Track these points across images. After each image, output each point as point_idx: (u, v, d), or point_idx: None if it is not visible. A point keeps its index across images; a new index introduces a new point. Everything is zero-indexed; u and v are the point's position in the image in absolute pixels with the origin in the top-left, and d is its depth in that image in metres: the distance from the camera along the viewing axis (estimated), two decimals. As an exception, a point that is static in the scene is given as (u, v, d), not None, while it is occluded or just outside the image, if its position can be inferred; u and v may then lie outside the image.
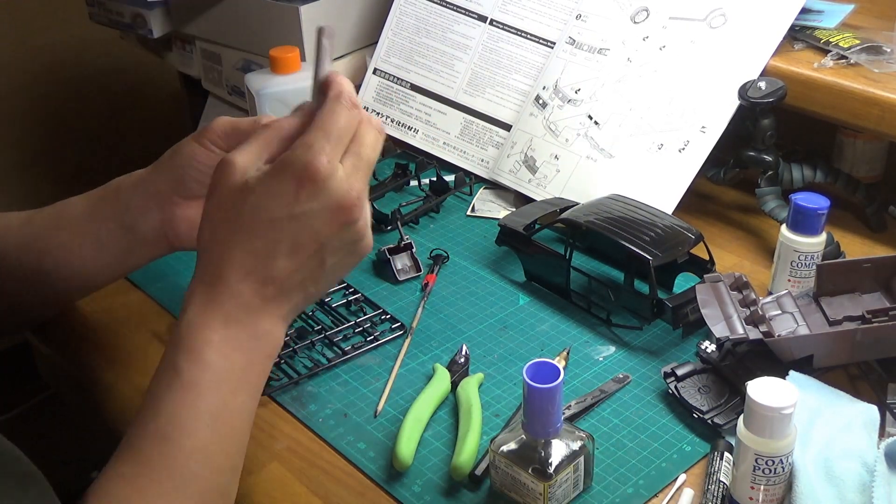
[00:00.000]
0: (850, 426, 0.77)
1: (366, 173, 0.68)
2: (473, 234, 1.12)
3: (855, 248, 1.06)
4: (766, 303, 0.87)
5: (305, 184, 0.64)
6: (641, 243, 0.91)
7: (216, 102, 1.52)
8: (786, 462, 0.70)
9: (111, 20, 1.51)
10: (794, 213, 0.91)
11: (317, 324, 0.95)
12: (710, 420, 0.80)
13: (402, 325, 0.95)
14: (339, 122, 0.67)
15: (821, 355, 0.82)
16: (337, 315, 0.97)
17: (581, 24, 1.19)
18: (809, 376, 0.81)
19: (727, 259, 1.04)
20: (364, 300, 0.98)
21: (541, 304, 0.98)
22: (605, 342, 0.92)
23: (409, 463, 0.77)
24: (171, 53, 1.57)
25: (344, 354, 0.91)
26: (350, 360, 0.91)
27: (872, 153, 1.16)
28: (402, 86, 1.32)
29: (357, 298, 0.98)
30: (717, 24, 1.10)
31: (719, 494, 0.73)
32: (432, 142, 1.28)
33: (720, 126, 1.07)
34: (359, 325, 0.94)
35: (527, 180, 1.17)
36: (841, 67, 1.05)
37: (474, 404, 0.82)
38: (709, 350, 0.86)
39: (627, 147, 1.11)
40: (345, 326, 0.94)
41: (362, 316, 0.96)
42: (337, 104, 0.67)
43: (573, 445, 0.73)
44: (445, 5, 1.30)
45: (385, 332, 0.94)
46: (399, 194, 1.20)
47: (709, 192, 1.17)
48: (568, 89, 1.17)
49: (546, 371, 0.69)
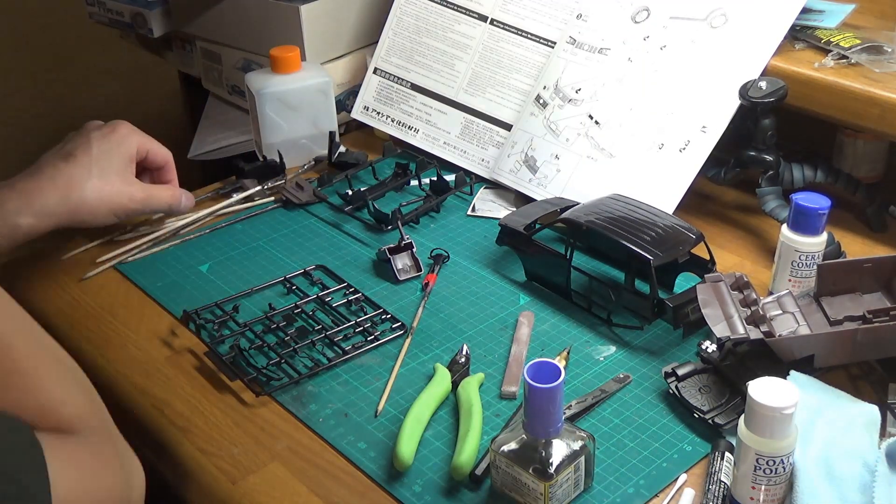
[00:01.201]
0: (851, 426, 0.77)
1: None
2: (474, 233, 1.11)
3: (855, 248, 1.05)
4: (766, 302, 0.87)
5: None
6: (642, 243, 0.91)
7: (216, 102, 1.52)
8: (787, 462, 0.70)
9: (111, 20, 1.51)
10: (794, 213, 0.91)
11: (317, 323, 0.95)
12: (710, 420, 0.80)
13: (403, 325, 0.94)
14: None
15: (822, 355, 0.82)
16: (337, 314, 0.97)
17: (582, 23, 1.19)
18: (810, 376, 0.81)
19: (728, 259, 1.04)
20: (364, 300, 0.98)
21: (541, 303, 0.98)
22: (605, 342, 0.92)
23: (410, 463, 0.77)
24: (171, 53, 1.57)
25: (344, 354, 0.91)
26: (350, 359, 0.91)
27: (873, 153, 1.16)
28: (402, 85, 1.32)
29: (357, 298, 0.98)
30: (717, 24, 1.10)
31: (720, 494, 0.73)
32: (433, 141, 1.28)
33: (721, 126, 1.06)
34: (359, 324, 0.94)
35: (527, 180, 1.17)
36: (842, 67, 1.05)
37: (475, 404, 0.82)
38: (709, 350, 0.86)
39: (628, 147, 1.11)
40: (345, 326, 0.94)
41: (363, 315, 0.96)
42: None
43: (574, 445, 0.73)
44: (446, 5, 1.30)
45: (385, 332, 0.94)
46: (399, 194, 1.20)
47: (709, 191, 1.17)
48: (568, 89, 1.17)
49: (547, 371, 0.69)
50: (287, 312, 0.96)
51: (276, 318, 0.95)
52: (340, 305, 0.98)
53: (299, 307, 0.97)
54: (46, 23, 1.97)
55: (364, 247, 1.09)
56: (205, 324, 0.94)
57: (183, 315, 0.96)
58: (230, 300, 0.98)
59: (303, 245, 1.09)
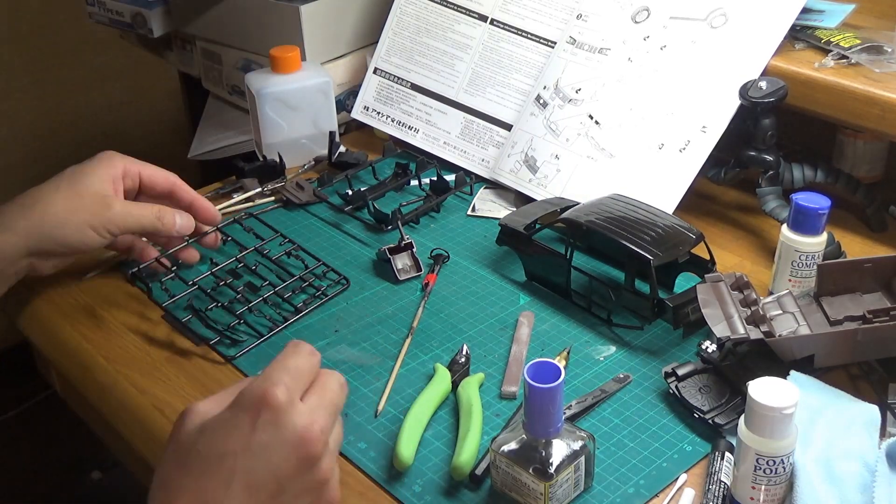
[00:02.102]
0: (851, 426, 0.77)
1: (331, 414, 0.62)
2: (474, 233, 1.11)
3: (855, 248, 1.06)
4: (766, 302, 0.87)
5: (262, 412, 0.59)
6: (642, 243, 0.91)
7: (216, 102, 1.52)
8: (787, 462, 0.70)
9: (111, 20, 1.51)
10: (794, 213, 0.91)
11: (264, 279, 0.98)
12: (710, 420, 0.80)
13: (345, 278, 0.99)
14: (299, 360, 0.63)
15: (822, 355, 0.82)
16: (279, 268, 1.00)
17: (582, 23, 1.19)
18: (810, 376, 0.81)
19: (728, 259, 1.04)
20: (300, 249, 1.03)
21: (541, 303, 0.98)
22: (605, 342, 0.92)
23: (410, 463, 0.77)
24: (171, 53, 1.57)
25: (297, 312, 0.94)
26: (302, 318, 0.95)
27: (873, 153, 1.16)
28: (402, 85, 1.32)
29: (295, 248, 1.03)
30: (717, 24, 1.10)
31: (720, 494, 0.73)
32: (433, 141, 1.28)
33: (721, 126, 1.06)
34: (303, 279, 0.98)
35: (527, 180, 1.17)
36: (842, 67, 1.05)
37: (475, 404, 0.82)
38: (710, 350, 0.86)
39: (628, 147, 1.11)
40: (291, 281, 0.98)
41: (304, 269, 1.00)
42: (296, 347, 0.64)
43: (574, 445, 0.73)
44: (446, 5, 1.30)
45: (331, 286, 0.98)
46: (399, 194, 1.20)
47: (709, 191, 1.17)
48: (569, 89, 1.17)
49: (547, 371, 0.69)
50: (230, 267, 0.99)
51: (220, 274, 0.98)
52: (281, 256, 1.01)
53: (241, 261, 1.00)
54: (46, 23, 1.97)
55: (364, 247, 1.09)
56: (153, 282, 0.98)
57: (130, 276, 1.00)
58: (171, 255, 1.01)
59: (303, 245, 1.09)
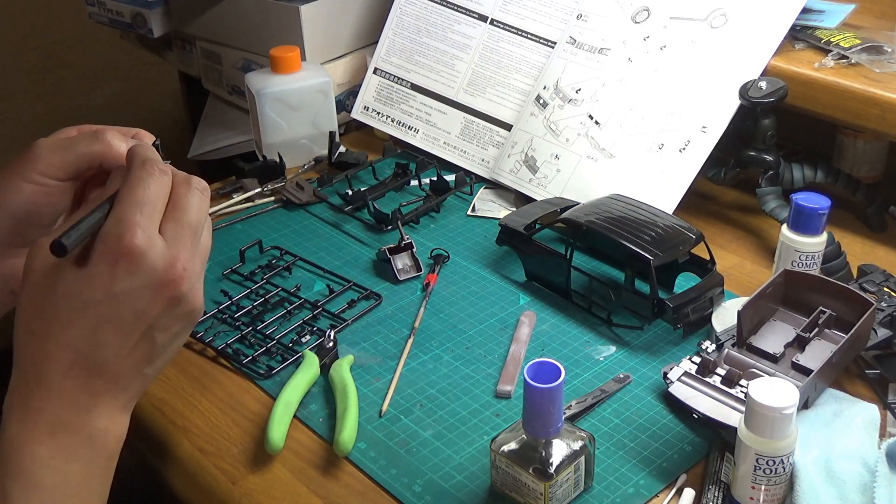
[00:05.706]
0: (851, 426, 0.77)
1: (191, 239, 0.61)
2: (474, 233, 1.11)
3: (855, 247, 1.05)
4: (723, 380, 0.81)
5: (121, 261, 0.57)
6: (642, 243, 0.91)
7: (216, 102, 1.52)
8: (786, 462, 0.70)
9: (111, 20, 1.51)
10: (794, 213, 0.90)
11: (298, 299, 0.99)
12: (710, 420, 0.80)
13: (377, 294, 1.00)
14: (148, 190, 0.59)
15: (814, 396, 0.81)
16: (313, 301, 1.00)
17: (582, 23, 1.19)
18: (810, 376, 0.81)
19: (728, 259, 1.04)
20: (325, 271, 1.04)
21: (541, 303, 0.98)
22: (605, 342, 0.92)
23: (281, 446, 0.79)
24: (171, 53, 1.57)
25: (342, 322, 0.96)
26: (352, 323, 0.96)
27: (873, 153, 1.16)
28: (402, 85, 1.32)
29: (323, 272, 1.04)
30: (717, 24, 1.10)
31: (720, 494, 0.73)
32: (433, 141, 1.28)
33: (721, 126, 1.06)
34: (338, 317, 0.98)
35: (527, 180, 1.17)
36: (842, 67, 1.05)
37: (349, 384, 0.84)
38: (709, 350, 0.86)
39: (628, 147, 1.11)
40: (326, 300, 0.99)
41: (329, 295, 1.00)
42: (142, 171, 0.60)
43: (574, 445, 0.73)
44: (446, 5, 1.30)
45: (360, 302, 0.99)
46: (399, 194, 1.20)
47: (709, 191, 1.17)
48: (569, 89, 1.17)
49: (547, 371, 0.69)
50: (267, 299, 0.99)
51: (259, 306, 0.98)
52: None
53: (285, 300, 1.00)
54: (46, 23, 1.98)
55: (364, 247, 1.09)
56: None
57: None
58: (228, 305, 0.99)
59: (303, 245, 1.09)
